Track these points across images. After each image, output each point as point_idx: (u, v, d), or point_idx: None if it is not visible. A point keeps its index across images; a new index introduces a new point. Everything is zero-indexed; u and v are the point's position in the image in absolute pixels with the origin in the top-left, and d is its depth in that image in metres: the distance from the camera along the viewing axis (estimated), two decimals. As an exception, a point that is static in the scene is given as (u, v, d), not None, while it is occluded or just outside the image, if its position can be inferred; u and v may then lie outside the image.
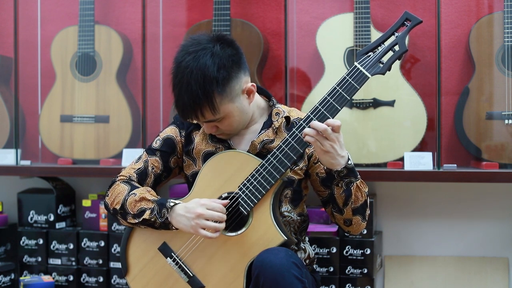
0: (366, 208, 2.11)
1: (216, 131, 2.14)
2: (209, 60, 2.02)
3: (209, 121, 2.08)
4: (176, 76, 2.05)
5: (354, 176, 2.05)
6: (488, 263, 2.83)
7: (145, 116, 2.98)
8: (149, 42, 3.00)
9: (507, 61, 2.65)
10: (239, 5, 3.02)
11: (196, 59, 2.02)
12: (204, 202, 2.02)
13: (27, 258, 3.03)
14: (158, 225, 2.09)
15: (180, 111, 2.07)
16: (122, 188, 2.16)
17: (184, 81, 2.02)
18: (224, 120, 2.09)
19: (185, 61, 2.04)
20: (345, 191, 2.06)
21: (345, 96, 1.96)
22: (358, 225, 2.13)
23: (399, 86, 2.73)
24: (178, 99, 2.05)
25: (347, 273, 2.74)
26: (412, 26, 1.97)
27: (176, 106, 2.08)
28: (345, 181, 2.05)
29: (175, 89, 2.06)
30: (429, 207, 2.90)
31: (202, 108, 2.03)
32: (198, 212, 2.00)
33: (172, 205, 2.06)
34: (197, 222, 2.00)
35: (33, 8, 3.17)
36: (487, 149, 2.68)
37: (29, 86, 3.17)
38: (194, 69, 2.01)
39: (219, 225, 2.01)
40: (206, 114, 2.05)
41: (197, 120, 2.08)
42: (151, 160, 2.23)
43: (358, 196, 2.07)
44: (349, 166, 2.02)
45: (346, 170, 2.02)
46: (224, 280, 2.04)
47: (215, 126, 2.11)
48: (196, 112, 2.04)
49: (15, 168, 3.05)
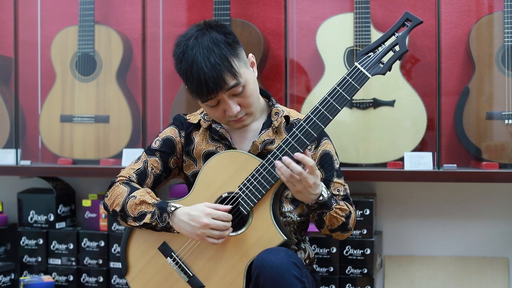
0: (346, 226, 2.10)
1: (239, 112, 2.07)
2: (212, 33, 2.04)
3: (233, 86, 2.02)
4: (187, 60, 2.02)
5: (326, 208, 2.04)
6: (488, 263, 2.83)
7: (145, 116, 2.98)
8: (149, 42, 3.00)
9: (507, 61, 2.65)
10: (239, 5, 3.02)
11: (199, 37, 2.03)
12: (210, 212, 2.00)
13: (27, 258, 3.03)
14: (159, 229, 2.09)
15: (204, 87, 2.00)
16: (121, 189, 2.16)
17: (198, 57, 2.00)
18: (245, 90, 2.05)
19: (189, 44, 2.03)
20: (317, 220, 2.08)
21: (345, 96, 1.96)
22: (339, 236, 2.14)
23: (399, 86, 2.73)
24: (198, 77, 2.00)
25: (347, 273, 2.74)
26: (413, 26, 1.97)
27: (197, 86, 2.02)
28: (317, 213, 2.05)
29: (191, 70, 2.01)
30: (429, 207, 2.90)
31: (224, 75, 1.99)
32: (204, 222, 1.99)
33: (173, 209, 2.06)
34: (203, 232, 2.00)
35: (33, 8, 3.17)
36: (487, 149, 2.68)
37: (29, 86, 3.17)
38: (204, 43, 2.01)
39: (225, 233, 2.01)
40: (228, 80, 2.01)
41: (221, 91, 2.01)
42: (150, 161, 2.23)
43: (333, 221, 2.07)
44: (321, 201, 2.01)
45: (316, 205, 2.02)
46: (224, 280, 2.04)
47: (238, 103, 2.06)
48: (219, 81, 1.99)
49: (15, 168, 3.04)
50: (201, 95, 2.03)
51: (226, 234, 2.01)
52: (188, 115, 2.29)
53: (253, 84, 2.10)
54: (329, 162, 2.18)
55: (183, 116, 2.29)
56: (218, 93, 2.02)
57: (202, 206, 2.03)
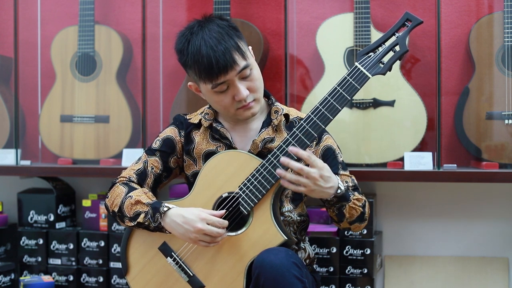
0: (364, 215, 2.12)
1: (248, 96, 2.06)
2: (216, 20, 2.07)
3: (243, 68, 2.02)
4: (194, 45, 2.02)
5: (345, 200, 2.04)
6: (488, 263, 2.83)
7: (145, 116, 2.98)
8: (149, 42, 3.00)
9: (507, 61, 2.65)
10: (239, 5, 3.02)
11: (203, 25, 2.06)
12: (205, 217, 2.00)
13: (27, 258, 3.03)
14: (152, 229, 2.09)
15: (215, 68, 1.99)
16: (120, 190, 2.16)
17: (206, 40, 2.01)
18: (252, 73, 2.06)
19: (194, 32, 2.05)
20: (337, 214, 2.08)
21: (346, 96, 1.97)
22: (357, 228, 2.15)
23: (399, 86, 2.73)
24: (208, 58, 1.99)
25: (347, 273, 2.74)
26: (413, 26, 1.98)
27: (207, 69, 2.01)
28: (336, 206, 2.06)
29: (199, 54, 2.01)
30: (429, 207, 2.90)
31: (233, 54, 2.00)
32: (198, 227, 1.99)
33: (166, 210, 2.05)
34: (196, 236, 2.00)
35: (33, 8, 3.16)
36: (487, 149, 2.68)
37: (29, 86, 3.17)
38: (209, 27, 2.04)
39: (217, 239, 2.01)
40: (238, 60, 2.01)
41: (232, 71, 2.01)
42: (150, 161, 2.23)
43: (353, 213, 2.08)
44: (339, 194, 2.01)
45: (336, 199, 2.03)
46: (224, 280, 2.04)
47: (247, 87, 2.06)
48: (230, 61, 1.99)
49: (15, 168, 3.04)
50: (212, 76, 2.02)
51: (218, 240, 2.01)
52: (189, 115, 2.29)
53: (257, 69, 2.12)
54: (332, 156, 2.18)
55: (183, 116, 2.29)
56: (228, 73, 2.02)
57: (197, 210, 2.03)
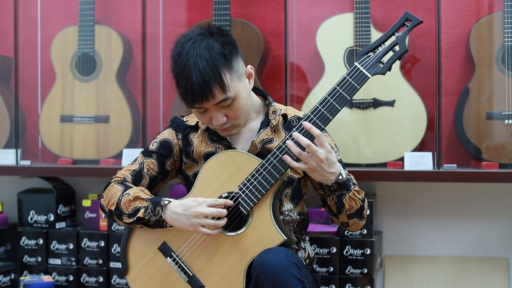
0: (363, 210, 2.11)
1: (225, 123, 2.07)
2: (210, 40, 2.02)
3: (221, 101, 2.01)
4: (180, 64, 2.01)
5: (346, 189, 2.04)
6: (488, 263, 2.83)
7: (145, 116, 2.98)
8: (149, 42, 3.00)
9: (507, 61, 2.65)
10: (239, 5, 3.02)
11: (196, 42, 2.02)
12: (204, 200, 2.02)
13: (27, 258, 3.03)
14: (152, 223, 2.09)
15: (189, 95, 1.99)
16: (116, 189, 2.16)
17: (190, 63, 1.98)
18: (234, 103, 2.04)
19: (186, 48, 2.02)
20: (336, 203, 2.07)
21: (345, 96, 1.96)
22: (356, 225, 2.14)
23: (399, 86, 2.73)
24: (186, 84, 1.98)
25: (347, 273, 2.74)
26: (413, 26, 1.98)
27: (183, 93, 2.01)
28: (336, 194, 2.05)
29: (181, 75, 2.00)
30: (429, 207, 2.90)
31: (212, 87, 1.98)
32: (198, 210, 1.99)
33: (167, 203, 2.06)
34: (197, 221, 2.00)
35: (33, 8, 3.17)
36: (487, 149, 2.68)
37: (29, 86, 3.17)
38: (199, 50, 1.99)
39: (219, 222, 2.01)
40: (216, 94, 1.99)
41: (207, 103, 2.00)
42: (146, 162, 2.23)
43: (352, 205, 2.07)
44: (340, 181, 2.01)
45: (336, 185, 2.02)
46: (224, 280, 2.04)
47: (225, 114, 2.06)
48: (206, 93, 1.98)
49: (15, 168, 3.04)
50: (187, 102, 2.03)
51: (220, 224, 2.01)
52: (186, 116, 2.29)
53: (245, 97, 2.08)
54: None
55: (181, 118, 2.28)
56: (203, 104, 2.01)
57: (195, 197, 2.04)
